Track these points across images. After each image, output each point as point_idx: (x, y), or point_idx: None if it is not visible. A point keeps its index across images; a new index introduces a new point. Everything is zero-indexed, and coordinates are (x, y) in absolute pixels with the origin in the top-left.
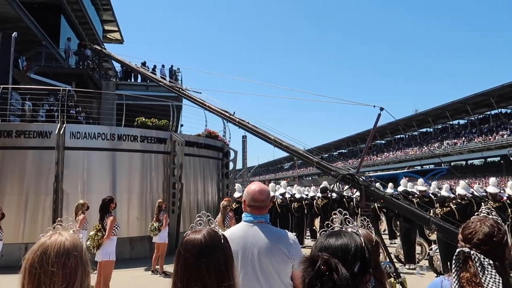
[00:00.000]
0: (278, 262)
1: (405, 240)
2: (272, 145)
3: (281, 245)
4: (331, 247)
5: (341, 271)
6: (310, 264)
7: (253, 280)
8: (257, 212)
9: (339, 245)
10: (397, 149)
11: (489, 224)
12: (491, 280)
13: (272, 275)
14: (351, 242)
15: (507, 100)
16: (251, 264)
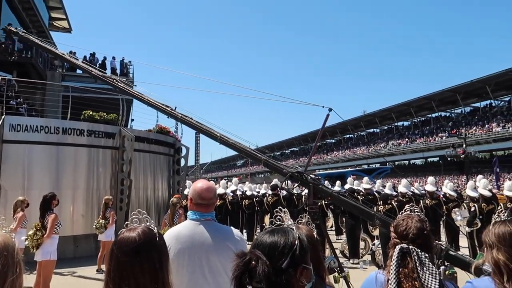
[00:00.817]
0: (226, 260)
1: (350, 235)
2: (218, 142)
3: (229, 242)
4: (262, 244)
5: (261, 266)
6: (240, 260)
7: (200, 279)
8: (204, 210)
9: (269, 242)
10: (346, 148)
11: (418, 220)
12: (428, 272)
13: (220, 272)
14: (281, 239)
15: (446, 104)
16: (199, 263)
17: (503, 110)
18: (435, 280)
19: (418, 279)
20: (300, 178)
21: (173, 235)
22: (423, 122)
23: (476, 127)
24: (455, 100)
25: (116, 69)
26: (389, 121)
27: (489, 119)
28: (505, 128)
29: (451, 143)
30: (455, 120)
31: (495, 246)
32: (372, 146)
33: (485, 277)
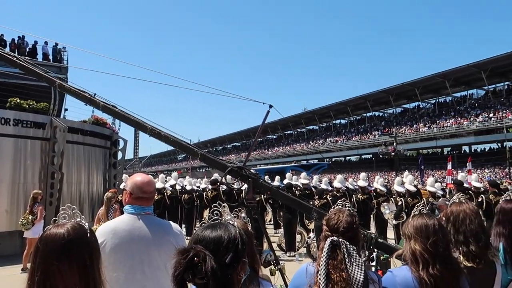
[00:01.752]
0: (167, 254)
1: (287, 229)
2: (148, 134)
3: (169, 236)
4: (206, 239)
5: (208, 262)
6: (182, 256)
7: (139, 274)
8: (145, 204)
9: (213, 237)
10: (286, 144)
11: (348, 214)
12: (355, 264)
13: (160, 267)
14: (225, 234)
15: (379, 105)
16: (138, 258)
17: (429, 112)
18: (361, 271)
19: (346, 270)
20: (240, 173)
21: (109, 230)
22: (358, 120)
23: (405, 127)
24: (387, 101)
25: (48, 55)
26: (328, 119)
27: (417, 120)
28: (430, 129)
29: (383, 141)
30: (387, 119)
31: (412, 237)
32: (311, 143)
33: (404, 266)
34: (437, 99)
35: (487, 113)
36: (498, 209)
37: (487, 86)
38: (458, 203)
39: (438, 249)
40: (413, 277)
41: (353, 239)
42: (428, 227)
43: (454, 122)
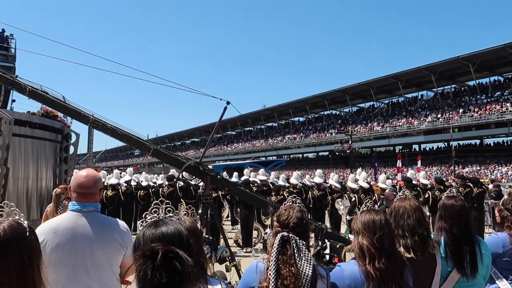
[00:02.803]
0: (112, 252)
1: (244, 225)
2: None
3: (115, 234)
4: (167, 235)
5: (185, 259)
6: (149, 257)
7: (81, 274)
8: (84, 200)
9: (173, 233)
10: (245, 141)
11: (298, 210)
12: (304, 259)
13: (104, 266)
14: (182, 229)
15: (336, 103)
16: (81, 257)
17: (383, 112)
18: (309, 266)
19: (295, 265)
20: (198, 169)
21: (50, 229)
22: (316, 118)
23: (360, 125)
24: (344, 100)
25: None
26: (287, 116)
27: (371, 119)
28: (383, 128)
29: (339, 139)
30: (343, 118)
31: (360, 232)
32: (270, 140)
33: (352, 261)
34: (390, 99)
35: (435, 114)
36: (440, 205)
37: (436, 88)
38: (402, 199)
39: (384, 243)
40: (360, 271)
41: (303, 234)
42: (375, 223)
43: (406, 121)
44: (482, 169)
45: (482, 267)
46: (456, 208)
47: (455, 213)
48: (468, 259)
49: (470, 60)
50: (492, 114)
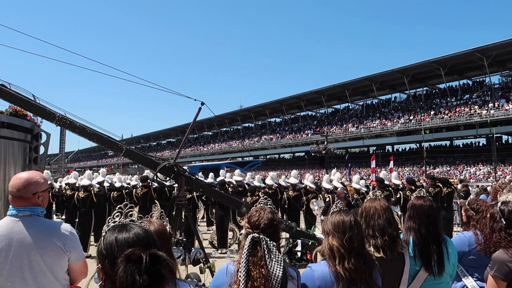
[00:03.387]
0: (51, 257)
1: (219, 226)
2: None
3: (55, 238)
4: (143, 239)
5: (168, 261)
6: (134, 261)
7: (18, 282)
8: (18, 204)
9: (146, 236)
10: (222, 141)
11: (270, 211)
12: (274, 260)
13: (44, 272)
14: (148, 231)
15: (312, 105)
16: (18, 263)
17: (357, 113)
18: (280, 267)
19: (265, 266)
20: (173, 170)
21: None
22: (292, 119)
23: (335, 126)
24: (320, 101)
25: None
26: (263, 117)
27: (346, 120)
28: (358, 129)
29: (315, 140)
30: (319, 119)
31: (330, 233)
32: (246, 140)
33: (322, 261)
34: (364, 101)
35: (408, 116)
36: (409, 205)
37: (408, 90)
38: (372, 200)
39: (354, 244)
40: (330, 271)
41: (273, 236)
42: (344, 223)
43: (379, 123)
44: (451, 169)
45: (449, 265)
46: (424, 208)
47: (424, 213)
48: (435, 258)
49: (441, 64)
50: (461, 117)
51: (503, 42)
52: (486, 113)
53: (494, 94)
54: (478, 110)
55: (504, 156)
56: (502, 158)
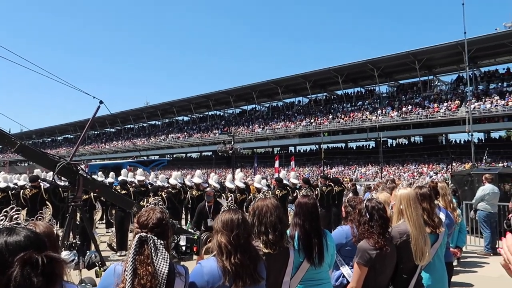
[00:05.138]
0: None
1: (119, 228)
2: None
3: None
4: (35, 241)
5: (62, 262)
6: (31, 265)
7: None
8: None
9: (37, 238)
10: (126, 139)
11: (159, 211)
12: (161, 257)
13: None
14: (40, 234)
15: (221, 104)
16: None
17: (263, 114)
18: (166, 264)
19: (152, 264)
20: (71, 169)
21: None
22: (200, 118)
23: (243, 127)
24: (228, 102)
25: None
26: (171, 115)
27: (253, 121)
28: (264, 130)
29: (222, 139)
30: (227, 119)
31: (220, 231)
32: (152, 138)
33: (211, 258)
34: (270, 103)
35: (309, 119)
36: (296, 203)
37: (310, 95)
38: (263, 199)
39: (240, 240)
40: (218, 266)
41: (162, 234)
42: (232, 221)
43: (284, 125)
44: (346, 169)
45: (328, 256)
46: (308, 206)
47: (308, 210)
48: (316, 250)
49: (338, 72)
50: (355, 121)
51: (390, 56)
52: (375, 119)
53: (382, 102)
54: (369, 116)
55: (389, 158)
56: (387, 160)
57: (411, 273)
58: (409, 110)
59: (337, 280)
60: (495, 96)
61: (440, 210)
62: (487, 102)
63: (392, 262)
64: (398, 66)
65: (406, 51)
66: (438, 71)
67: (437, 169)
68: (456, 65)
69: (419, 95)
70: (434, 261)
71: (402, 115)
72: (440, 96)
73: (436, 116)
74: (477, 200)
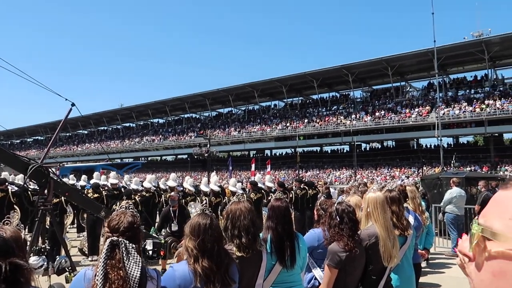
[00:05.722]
0: None
1: (90, 232)
2: None
3: None
4: (2, 247)
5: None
6: None
7: None
8: None
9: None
10: (99, 141)
11: (131, 215)
12: (133, 261)
13: None
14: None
15: (196, 107)
16: None
17: (239, 118)
18: (138, 268)
19: (124, 268)
20: (41, 172)
21: None
22: (176, 121)
23: (219, 130)
24: (204, 104)
25: None
26: (146, 117)
27: (229, 124)
28: (240, 133)
29: (198, 142)
30: (203, 122)
31: (188, 235)
32: (127, 141)
33: (183, 261)
34: (247, 107)
35: (285, 122)
36: (269, 207)
37: (286, 99)
38: (236, 202)
39: (206, 245)
40: (189, 270)
41: (133, 238)
42: (200, 226)
43: (260, 128)
44: (321, 173)
45: (300, 259)
46: (281, 209)
47: (281, 213)
48: (288, 253)
49: (314, 77)
50: (329, 125)
51: (364, 62)
52: (349, 123)
53: (356, 106)
54: (343, 120)
55: (362, 161)
56: (361, 163)
57: (380, 274)
58: (382, 115)
59: (309, 282)
60: (463, 102)
61: (409, 213)
62: (455, 108)
63: (361, 263)
64: (372, 72)
65: (379, 57)
66: (410, 77)
67: (408, 173)
68: (427, 72)
69: (391, 100)
70: (403, 262)
71: (376, 120)
72: (412, 101)
73: (407, 121)
74: (445, 203)
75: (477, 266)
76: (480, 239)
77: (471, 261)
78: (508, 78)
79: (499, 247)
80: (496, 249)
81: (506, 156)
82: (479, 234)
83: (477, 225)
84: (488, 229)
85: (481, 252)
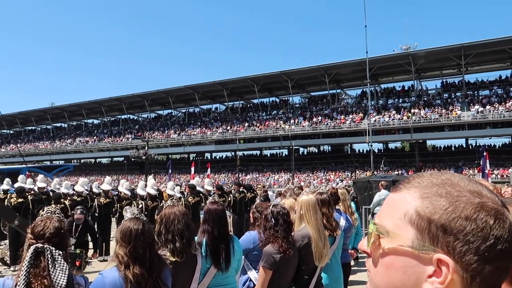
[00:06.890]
0: None
1: (13, 240)
2: None
3: None
4: None
5: None
6: None
7: None
8: None
9: None
10: (26, 141)
11: (57, 220)
12: (59, 269)
13: None
14: None
15: (135, 108)
16: None
17: (179, 120)
18: (65, 275)
19: (48, 276)
20: None
21: None
22: (112, 122)
23: (157, 132)
24: (143, 105)
25: None
26: (79, 117)
27: (168, 126)
28: (179, 136)
29: (135, 144)
30: (141, 123)
31: (118, 242)
32: (57, 142)
33: (114, 267)
34: (187, 109)
35: (225, 126)
36: (205, 210)
37: (227, 102)
38: (171, 206)
39: (138, 251)
40: (120, 276)
41: (60, 244)
42: (131, 233)
43: (200, 131)
44: (260, 176)
45: (234, 261)
46: (218, 212)
47: (217, 216)
48: (223, 256)
49: (255, 81)
50: (269, 129)
51: (303, 69)
52: (288, 128)
53: (295, 112)
54: (282, 124)
55: (300, 165)
56: (298, 167)
57: (312, 273)
58: (319, 120)
59: (244, 284)
60: (392, 110)
61: (340, 214)
62: (385, 115)
63: (294, 264)
64: (310, 79)
65: (317, 65)
66: (345, 85)
67: (343, 176)
68: (361, 80)
69: (328, 107)
70: (332, 262)
71: (313, 125)
72: (347, 108)
73: (342, 127)
74: (374, 205)
75: (373, 261)
76: (375, 237)
77: (369, 257)
78: (431, 89)
79: (391, 243)
80: (388, 246)
81: (429, 161)
82: (374, 233)
83: (373, 225)
84: (381, 228)
85: (376, 249)
